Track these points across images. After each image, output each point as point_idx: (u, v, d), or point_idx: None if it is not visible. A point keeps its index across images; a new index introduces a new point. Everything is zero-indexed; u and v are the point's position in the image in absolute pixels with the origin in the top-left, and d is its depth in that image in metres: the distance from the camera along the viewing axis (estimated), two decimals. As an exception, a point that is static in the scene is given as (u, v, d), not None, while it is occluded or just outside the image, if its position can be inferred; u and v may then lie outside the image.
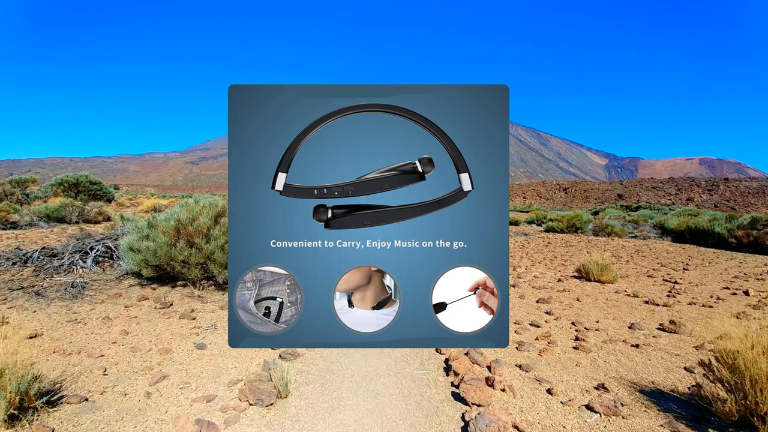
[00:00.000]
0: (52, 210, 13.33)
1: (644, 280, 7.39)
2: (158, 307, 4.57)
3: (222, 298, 5.09)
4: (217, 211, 5.74)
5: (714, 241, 13.54)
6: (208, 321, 4.17)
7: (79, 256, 6.83)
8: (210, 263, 5.13)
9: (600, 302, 5.58)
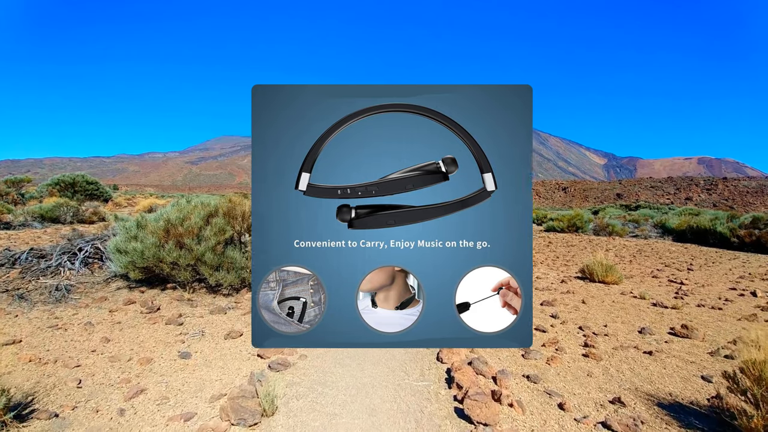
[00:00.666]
0: (46, 210, 13.05)
1: (649, 281, 7.23)
2: (144, 311, 4.31)
3: (214, 302, 4.83)
4: (209, 211, 5.48)
5: (716, 240, 13.49)
6: (196, 327, 3.91)
7: (67, 258, 6.54)
8: (200, 265, 4.87)
9: (606, 305, 5.34)
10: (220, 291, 5.20)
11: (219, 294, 5.13)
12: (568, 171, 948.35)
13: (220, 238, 5.12)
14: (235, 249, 5.40)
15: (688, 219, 16.30)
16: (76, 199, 18.23)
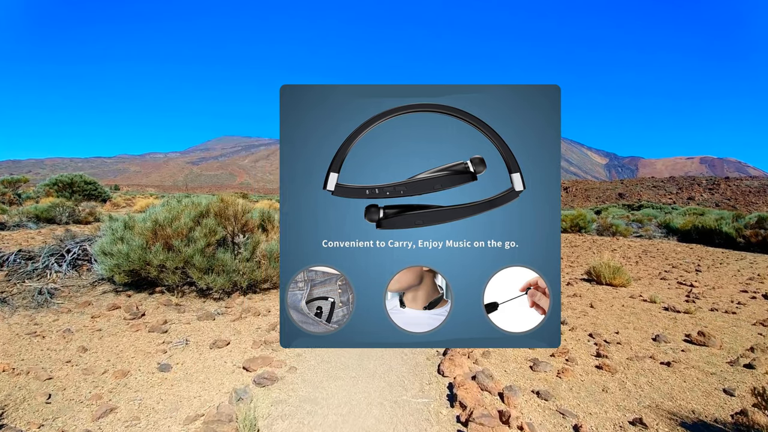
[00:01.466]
0: (41, 210, 12.83)
1: (658, 283, 7.06)
2: (128, 317, 4.05)
3: (203, 307, 4.56)
4: (199, 211, 5.22)
5: (721, 240, 13.43)
6: (181, 335, 3.65)
7: (55, 260, 6.27)
8: (189, 268, 4.60)
9: (616, 309, 5.07)
10: (210, 295, 4.94)
11: (209, 298, 4.88)
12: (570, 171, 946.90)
13: (211, 239, 4.86)
14: (227, 251, 5.13)
15: (692, 219, 16.06)
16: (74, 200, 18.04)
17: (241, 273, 4.89)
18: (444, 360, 3.04)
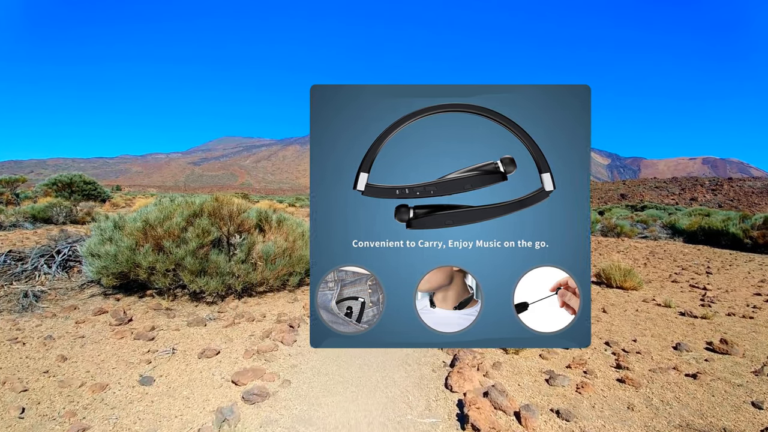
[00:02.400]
0: (38, 210, 12.62)
1: (670, 286, 6.83)
2: (113, 323, 3.79)
3: (194, 311, 4.30)
4: (193, 210, 4.96)
5: (728, 241, 13.29)
6: (168, 342, 3.40)
7: (44, 261, 6.01)
8: (180, 270, 4.34)
9: (630, 314, 4.80)
10: (203, 299, 4.68)
11: (202, 302, 4.62)
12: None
13: (204, 240, 4.60)
14: (222, 252, 4.86)
15: (698, 220, 15.73)
16: (73, 200, 17.84)
17: (236, 276, 4.63)
18: (452, 372, 2.78)
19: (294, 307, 4.70)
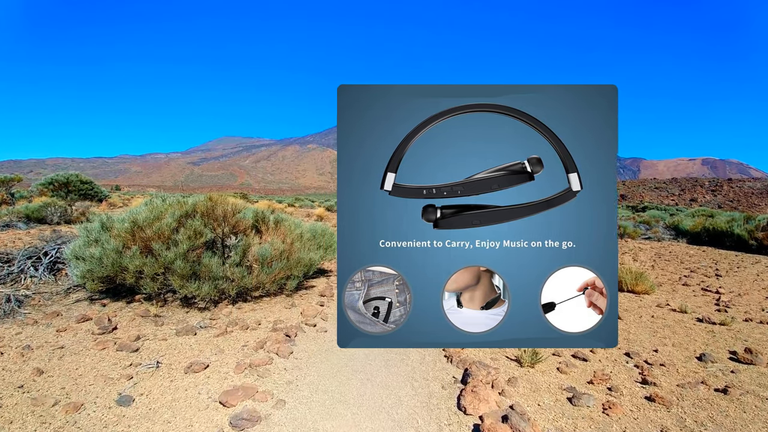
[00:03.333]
0: (32, 210, 12.26)
1: (682, 289, 6.61)
2: (97, 332, 3.48)
3: (185, 318, 4.00)
4: (185, 211, 4.66)
5: (732, 243, 13.15)
6: (153, 354, 3.10)
7: (32, 263, 5.68)
8: (170, 274, 4.04)
9: (645, 321, 4.54)
10: (195, 304, 4.37)
11: (194, 308, 4.33)
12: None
13: (196, 242, 4.30)
14: (215, 255, 4.56)
15: (702, 221, 15.47)
16: (69, 199, 17.50)
17: (230, 280, 4.33)
18: (465, 391, 2.49)
19: (291, 314, 4.41)
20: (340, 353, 3.34)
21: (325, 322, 4.24)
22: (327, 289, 5.59)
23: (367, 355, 3.32)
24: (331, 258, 6.50)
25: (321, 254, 6.11)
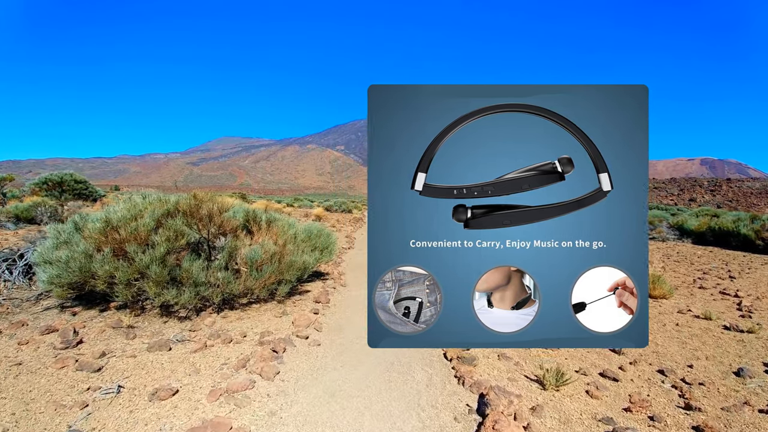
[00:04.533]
0: (21, 210, 11.75)
1: (699, 293, 6.32)
2: (59, 346, 3.01)
3: (161, 330, 3.53)
4: (165, 209, 4.19)
5: (738, 243, 12.57)
6: (117, 375, 2.64)
7: (7, 266, 5.19)
8: (145, 281, 3.57)
9: (670, 329, 4.13)
10: (176, 313, 3.90)
11: (173, 317, 3.85)
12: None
13: (175, 244, 3.83)
14: (200, 258, 4.09)
15: (707, 221, 15.11)
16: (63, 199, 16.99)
17: (213, 285, 3.86)
18: (484, 427, 2.01)
19: (282, 324, 3.95)
20: (333, 372, 2.89)
21: (319, 333, 3.79)
22: (323, 294, 5.14)
23: (366, 376, 2.87)
24: (327, 260, 6.04)
25: (316, 256, 5.65)
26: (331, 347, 3.48)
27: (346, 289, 5.87)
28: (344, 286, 6.04)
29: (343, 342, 3.66)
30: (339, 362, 3.14)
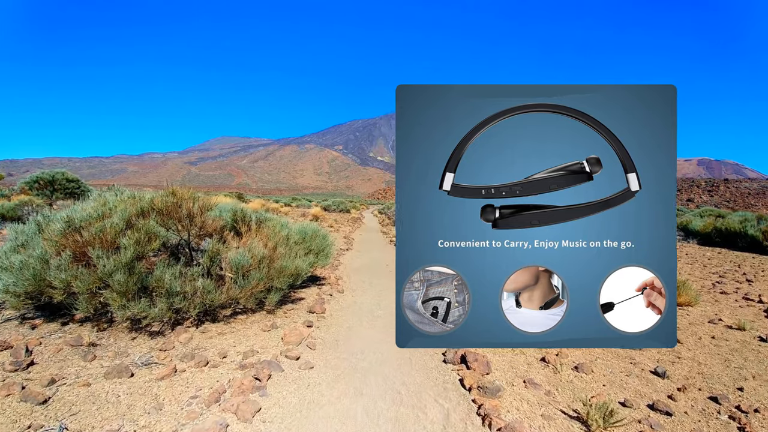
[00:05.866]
0: (7, 209, 11.19)
1: (723, 299, 5.90)
2: (9, 368, 2.49)
3: (127, 348, 3.00)
4: (139, 207, 3.64)
5: (745, 244, 12.10)
6: (65, 410, 2.10)
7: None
8: (108, 291, 3.02)
9: (707, 344, 3.78)
10: (147, 327, 3.35)
11: (144, 332, 3.29)
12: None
13: (147, 248, 3.28)
14: (178, 264, 3.54)
15: (712, 221, 14.76)
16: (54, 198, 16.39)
17: (190, 296, 3.31)
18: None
19: (269, 340, 3.41)
20: (328, 408, 2.36)
21: (313, 351, 3.24)
22: (318, 303, 4.60)
23: (367, 411, 2.34)
24: (323, 264, 5.50)
25: (311, 260, 5.11)
26: (325, 371, 2.96)
27: (344, 296, 5.35)
28: (342, 292, 5.52)
29: (340, 363, 3.15)
30: (335, 392, 2.60)
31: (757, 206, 56.92)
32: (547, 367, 3.13)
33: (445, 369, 3.11)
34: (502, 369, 3.11)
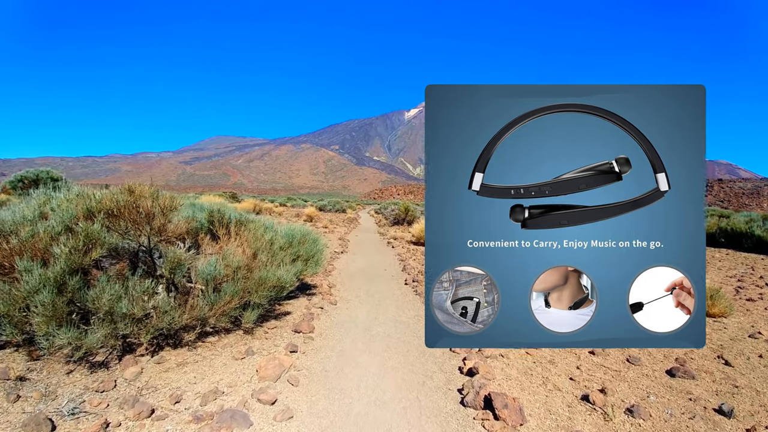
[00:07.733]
0: (-21, 210, 10.22)
1: (753, 308, 5.29)
2: None
3: (58, 386, 2.33)
4: (85, 208, 2.93)
5: (751, 244, 12.06)
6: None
7: None
8: (33, 314, 2.32)
9: (756, 365, 4.11)
10: (89, 357, 2.65)
11: (84, 363, 2.58)
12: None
13: (87, 258, 2.57)
14: (134, 276, 2.85)
15: (716, 221, 14.33)
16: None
17: (141, 318, 2.61)
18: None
19: (241, 373, 2.72)
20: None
21: (295, 389, 2.55)
22: (306, 319, 3.90)
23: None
24: (313, 272, 4.79)
25: (299, 268, 4.42)
26: (309, 421, 2.30)
27: (337, 309, 4.68)
28: (334, 304, 4.85)
29: (329, 406, 2.47)
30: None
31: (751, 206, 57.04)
32: (593, 411, 2.49)
33: (464, 416, 2.42)
34: (539, 416, 2.46)
